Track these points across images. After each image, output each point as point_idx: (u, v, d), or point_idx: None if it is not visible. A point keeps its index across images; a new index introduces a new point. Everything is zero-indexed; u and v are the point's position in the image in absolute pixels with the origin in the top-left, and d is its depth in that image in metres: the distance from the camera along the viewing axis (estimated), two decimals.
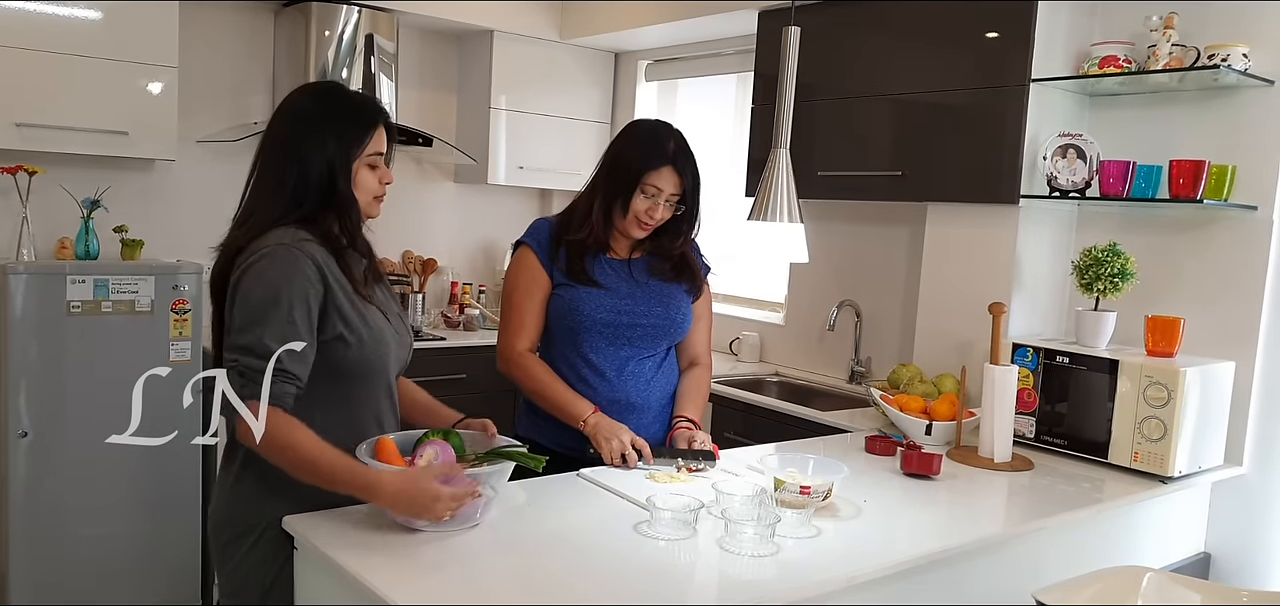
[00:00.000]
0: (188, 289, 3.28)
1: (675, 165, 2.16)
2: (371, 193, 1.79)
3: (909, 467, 2.27)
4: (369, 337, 1.75)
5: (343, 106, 1.79)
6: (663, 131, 2.21)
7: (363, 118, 1.77)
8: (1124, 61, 2.66)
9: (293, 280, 1.65)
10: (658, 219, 2.18)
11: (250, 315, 1.63)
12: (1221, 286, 2.63)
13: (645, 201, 2.16)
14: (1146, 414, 2.40)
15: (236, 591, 1.79)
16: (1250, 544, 2.65)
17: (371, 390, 1.80)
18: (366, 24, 3.84)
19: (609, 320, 2.19)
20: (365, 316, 1.76)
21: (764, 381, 3.68)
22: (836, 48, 3.27)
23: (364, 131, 1.76)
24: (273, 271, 1.65)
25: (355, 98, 1.82)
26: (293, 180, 1.72)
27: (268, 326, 1.62)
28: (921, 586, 1.83)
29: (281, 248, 1.66)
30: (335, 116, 1.76)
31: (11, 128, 3.15)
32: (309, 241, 1.70)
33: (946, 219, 3.05)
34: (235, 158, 3.81)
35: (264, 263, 1.65)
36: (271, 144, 1.77)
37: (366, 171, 1.77)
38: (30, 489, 3.08)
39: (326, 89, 1.87)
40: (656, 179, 2.15)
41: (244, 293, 1.65)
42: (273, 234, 1.69)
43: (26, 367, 3.04)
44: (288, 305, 1.64)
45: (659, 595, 1.55)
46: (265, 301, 1.63)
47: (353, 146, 1.74)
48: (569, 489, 1.99)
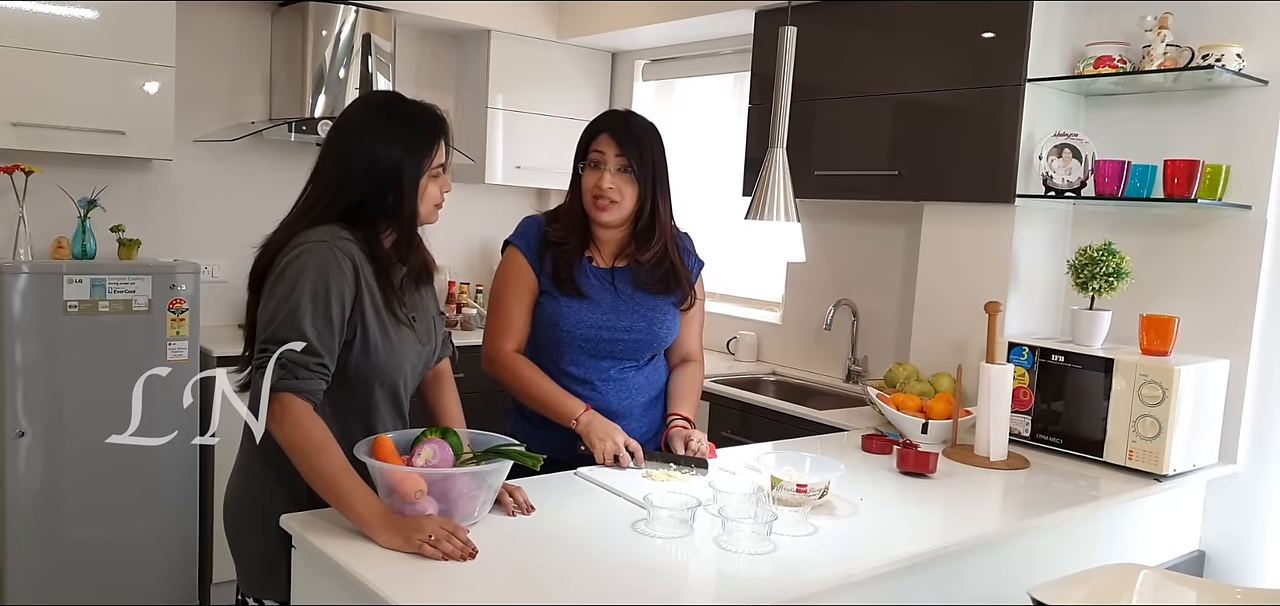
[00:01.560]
0: (185, 288, 3.27)
1: (612, 130, 2.16)
2: (433, 202, 1.83)
3: (905, 466, 2.28)
4: (384, 350, 1.77)
5: (408, 118, 1.80)
6: (613, 110, 2.26)
7: (429, 130, 1.79)
8: (1119, 61, 2.66)
9: (330, 274, 1.68)
10: (607, 189, 2.13)
11: (291, 305, 1.65)
12: (1216, 285, 2.64)
13: (593, 174, 2.15)
14: (1141, 412, 2.41)
15: (258, 577, 1.81)
16: (1244, 541, 2.66)
17: (367, 396, 1.81)
18: (364, 24, 3.85)
19: (589, 335, 2.18)
20: (386, 327, 1.77)
21: (761, 380, 3.69)
22: (833, 47, 3.28)
23: (431, 144, 1.78)
24: (311, 264, 1.67)
25: (419, 109, 1.83)
26: (358, 190, 1.74)
27: (305, 316, 1.65)
28: (917, 584, 1.83)
29: (322, 244, 1.69)
30: (402, 129, 1.77)
31: (8, 127, 3.15)
32: (348, 242, 1.72)
33: (943, 218, 3.06)
34: (233, 157, 3.82)
35: (305, 257, 1.68)
36: (334, 154, 1.78)
37: (432, 183, 1.80)
38: (28, 488, 3.08)
39: (390, 100, 1.88)
40: (598, 145, 2.16)
41: (286, 284, 1.67)
42: (315, 231, 1.71)
43: (24, 367, 3.04)
44: (325, 297, 1.67)
45: (656, 592, 1.56)
46: (304, 291, 1.66)
47: (423, 159, 1.76)
48: (566, 487, 2.00)
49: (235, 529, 1.85)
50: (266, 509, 1.76)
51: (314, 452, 1.64)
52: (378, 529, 1.59)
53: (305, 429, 1.65)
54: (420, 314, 1.88)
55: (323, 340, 1.67)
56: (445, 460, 1.69)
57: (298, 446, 1.65)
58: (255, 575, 1.82)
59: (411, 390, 1.91)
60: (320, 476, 1.64)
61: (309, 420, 1.65)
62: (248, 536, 1.82)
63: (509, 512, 1.78)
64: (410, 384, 1.89)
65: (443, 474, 1.65)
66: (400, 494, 1.62)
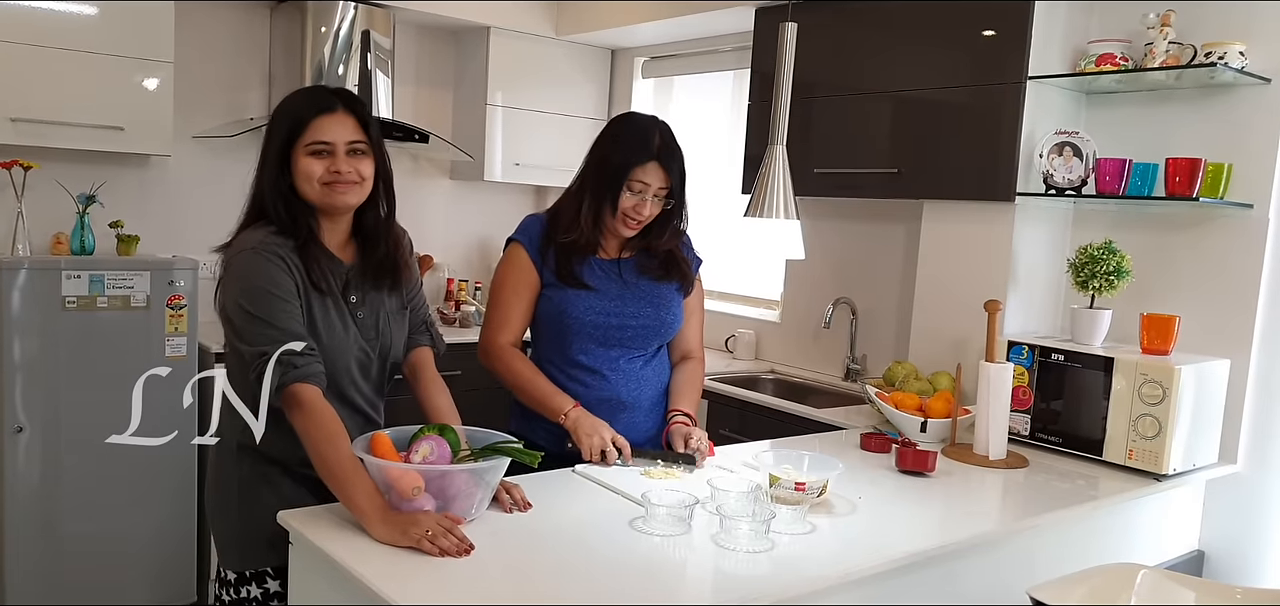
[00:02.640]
0: (183, 284, 3.27)
1: (660, 160, 2.12)
2: (312, 177, 1.77)
3: (904, 465, 2.27)
4: (324, 343, 1.78)
5: (291, 102, 1.82)
6: (648, 126, 2.17)
7: (303, 106, 1.79)
8: (1121, 59, 2.66)
9: (268, 271, 1.71)
10: (646, 215, 2.15)
11: (253, 313, 1.69)
12: (1217, 284, 2.64)
13: (633, 198, 2.13)
14: (1141, 411, 2.41)
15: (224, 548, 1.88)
16: (1244, 541, 2.65)
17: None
18: (363, 20, 3.84)
19: (598, 322, 2.18)
20: (316, 324, 1.78)
21: (759, 378, 3.69)
22: (834, 45, 3.27)
23: (301, 120, 1.77)
24: (248, 274, 1.71)
25: (307, 89, 1.87)
26: (256, 179, 1.80)
27: (273, 316, 1.69)
28: (916, 583, 1.83)
29: (247, 251, 1.73)
30: (282, 111, 1.81)
31: (7, 122, 3.15)
32: (278, 243, 1.75)
33: (942, 216, 3.06)
34: (231, 153, 3.81)
35: (240, 265, 1.72)
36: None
37: (307, 159, 1.77)
38: (26, 484, 3.08)
39: (298, 89, 1.91)
40: (643, 174, 2.12)
41: (233, 298, 1.72)
42: (243, 237, 1.76)
43: (22, 363, 3.03)
44: (274, 292, 1.70)
45: (654, 590, 1.55)
46: (259, 299, 1.69)
47: (286, 137, 1.77)
48: (564, 485, 1.99)
49: (212, 510, 1.92)
50: (234, 481, 1.82)
51: (324, 440, 1.66)
52: (375, 523, 1.59)
53: (319, 416, 1.68)
54: (368, 310, 1.87)
55: (294, 330, 1.70)
56: (443, 457, 1.68)
57: (308, 433, 1.68)
58: (228, 546, 1.88)
59: (368, 386, 1.91)
60: (326, 464, 1.66)
61: (321, 406, 1.68)
62: (221, 514, 1.88)
63: (506, 510, 1.78)
64: (359, 379, 1.88)
65: (440, 471, 1.65)
66: (397, 490, 1.62)
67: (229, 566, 1.87)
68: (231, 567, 1.86)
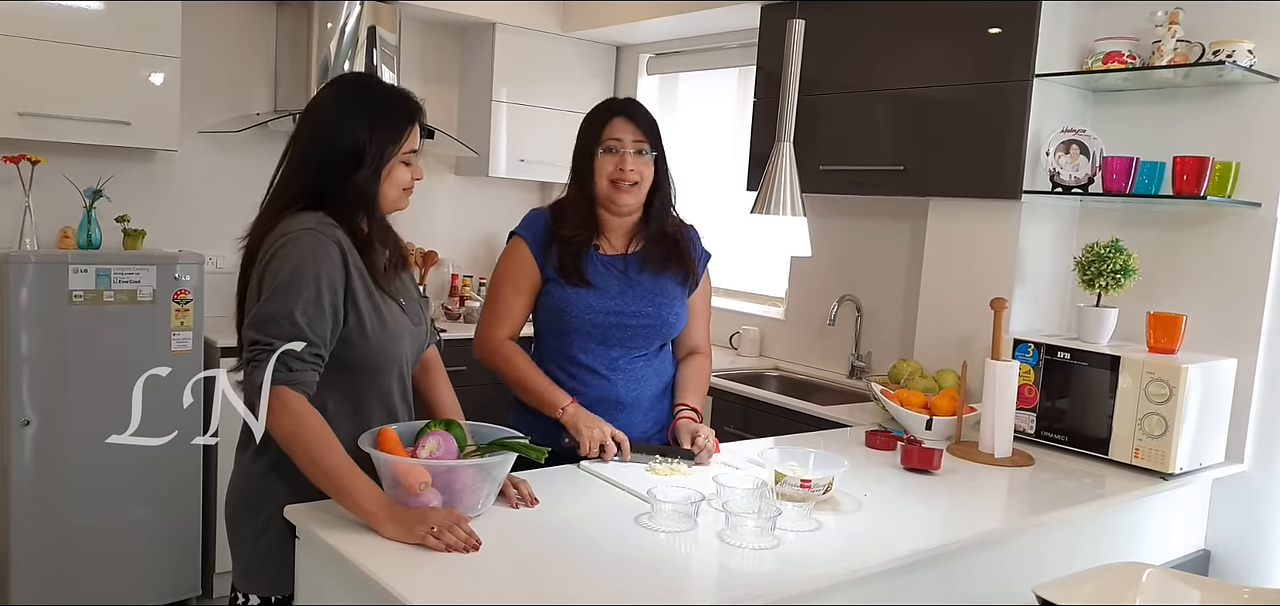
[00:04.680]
0: (189, 279, 3.28)
1: (626, 113, 2.17)
2: (402, 185, 1.79)
3: (909, 462, 2.27)
4: (381, 331, 1.76)
5: (376, 100, 1.78)
6: (612, 98, 2.26)
7: (398, 113, 1.76)
8: (1128, 57, 2.65)
9: (320, 263, 1.66)
10: (629, 171, 2.15)
11: (279, 293, 1.64)
12: (1224, 283, 2.63)
13: (612, 158, 2.15)
14: (1148, 410, 2.40)
15: (248, 572, 1.80)
16: (1250, 541, 2.65)
17: (381, 380, 1.81)
18: (369, 16, 3.84)
19: (599, 321, 2.17)
20: (380, 309, 1.76)
21: (764, 376, 3.69)
22: (840, 42, 3.26)
23: (400, 127, 1.75)
24: (299, 253, 1.65)
25: (391, 92, 1.82)
26: (320, 166, 1.72)
27: (296, 305, 1.63)
28: (921, 581, 1.83)
29: (309, 232, 1.67)
30: (368, 111, 1.75)
31: (14, 117, 3.16)
32: (334, 227, 1.71)
33: (948, 214, 3.05)
34: (237, 148, 3.82)
35: (291, 246, 1.66)
36: (304, 132, 1.77)
37: (401, 167, 1.78)
38: (33, 477, 3.09)
39: (362, 81, 1.87)
40: (611, 130, 2.16)
41: (273, 272, 1.66)
42: (301, 218, 1.70)
43: (29, 356, 3.04)
44: (315, 286, 1.65)
45: (660, 587, 1.55)
46: (294, 280, 1.64)
47: (388, 143, 1.74)
48: (570, 480, 1.99)
49: (232, 524, 1.84)
50: (261, 503, 1.76)
51: (316, 446, 1.62)
52: (382, 520, 1.59)
53: (305, 422, 1.63)
54: (406, 297, 1.87)
55: (315, 329, 1.65)
56: (449, 452, 1.69)
57: (298, 439, 1.63)
58: (248, 569, 1.81)
59: (411, 374, 1.91)
60: (321, 469, 1.62)
61: (307, 412, 1.64)
62: (243, 531, 1.81)
63: (512, 505, 1.78)
64: (410, 366, 1.88)
65: (448, 466, 1.65)
66: (405, 485, 1.61)
67: (256, 592, 1.80)
68: (258, 593, 1.80)
